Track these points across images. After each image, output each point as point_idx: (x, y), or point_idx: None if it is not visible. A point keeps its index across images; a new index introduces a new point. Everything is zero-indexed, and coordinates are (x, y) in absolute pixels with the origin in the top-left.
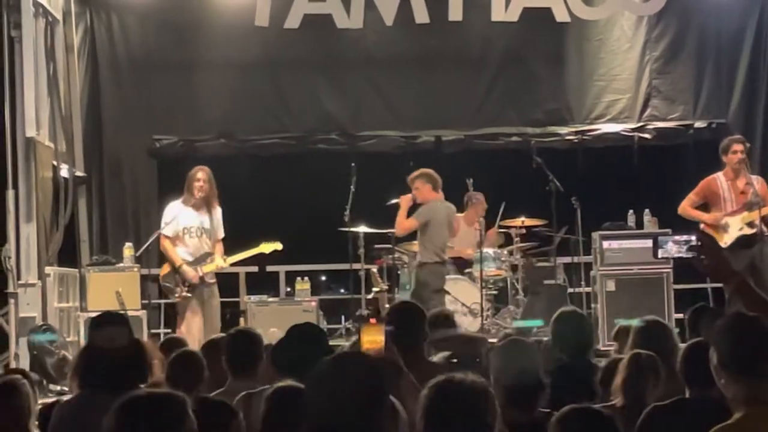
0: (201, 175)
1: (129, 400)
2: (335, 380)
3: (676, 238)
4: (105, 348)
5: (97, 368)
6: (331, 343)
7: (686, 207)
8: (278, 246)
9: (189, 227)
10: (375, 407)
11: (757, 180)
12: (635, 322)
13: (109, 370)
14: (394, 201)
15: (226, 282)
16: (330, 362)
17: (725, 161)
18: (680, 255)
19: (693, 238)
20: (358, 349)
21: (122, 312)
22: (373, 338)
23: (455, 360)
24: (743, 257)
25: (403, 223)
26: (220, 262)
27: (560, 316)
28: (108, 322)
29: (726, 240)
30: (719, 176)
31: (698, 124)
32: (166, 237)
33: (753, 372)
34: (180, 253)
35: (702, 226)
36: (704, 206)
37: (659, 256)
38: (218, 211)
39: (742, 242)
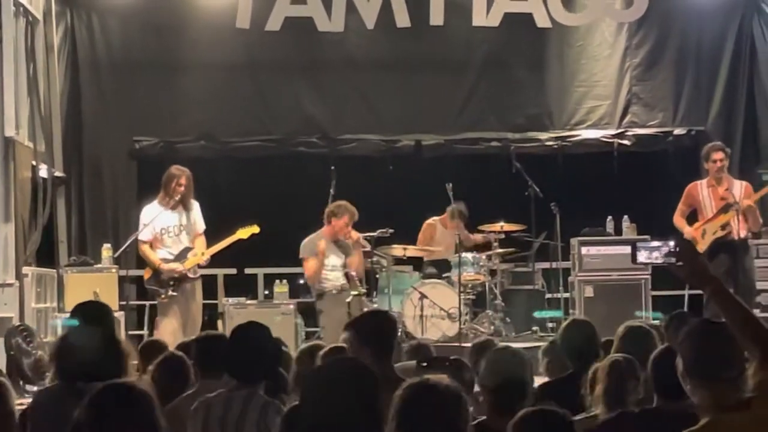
0: (184, 181)
1: (99, 393)
2: (331, 384)
3: (654, 243)
4: (78, 345)
5: (73, 360)
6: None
7: (676, 217)
8: (255, 229)
9: (167, 227)
10: (368, 412)
11: (741, 185)
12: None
13: (83, 363)
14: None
15: (204, 284)
16: (327, 366)
17: (706, 168)
18: (658, 261)
19: (671, 243)
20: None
21: (101, 306)
22: None
23: (425, 364)
24: (720, 263)
25: None
26: (199, 255)
27: (571, 324)
28: (84, 322)
29: (702, 247)
30: (701, 183)
31: (678, 131)
32: (143, 241)
33: (717, 378)
34: (160, 254)
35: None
36: (694, 213)
37: (638, 261)
38: (195, 206)
39: (718, 248)
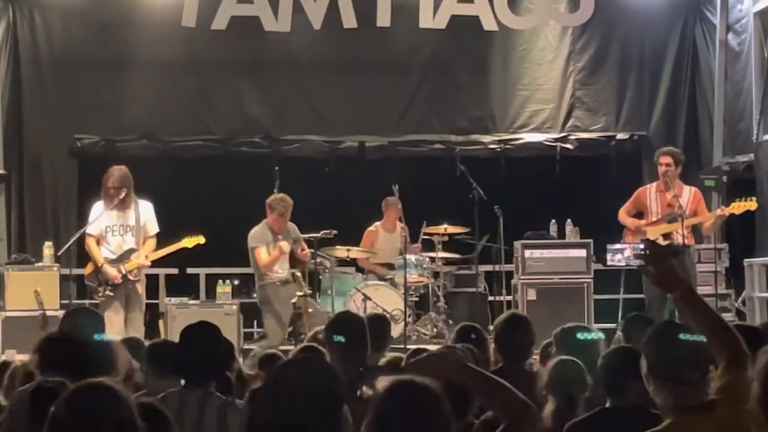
0: (110, 182)
1: (76, 390)
2: (295, 381)
3: (619, 246)
4: (71, 338)
5: (62, 357)
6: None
7: (621, 213)
8: (201, 240)
9: (111, 225)
10: (332, 410)
11: (689, 191)
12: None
13: (74, 363)
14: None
15: (146, 283)
16: (290, 364)
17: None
18: (628, 263)
19: (641, 246)
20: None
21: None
22: None
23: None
24: None
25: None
26: (142, 258)
27: (507, 319)
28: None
29: None
30: (650, 187)
31: (620, 136)
32: (91, 235)
33: (679, 379)
34: (103, 252)
35: (625, 231)
36: (640, 216)
37: (608, 263)
38: (146, 207)
39: None
